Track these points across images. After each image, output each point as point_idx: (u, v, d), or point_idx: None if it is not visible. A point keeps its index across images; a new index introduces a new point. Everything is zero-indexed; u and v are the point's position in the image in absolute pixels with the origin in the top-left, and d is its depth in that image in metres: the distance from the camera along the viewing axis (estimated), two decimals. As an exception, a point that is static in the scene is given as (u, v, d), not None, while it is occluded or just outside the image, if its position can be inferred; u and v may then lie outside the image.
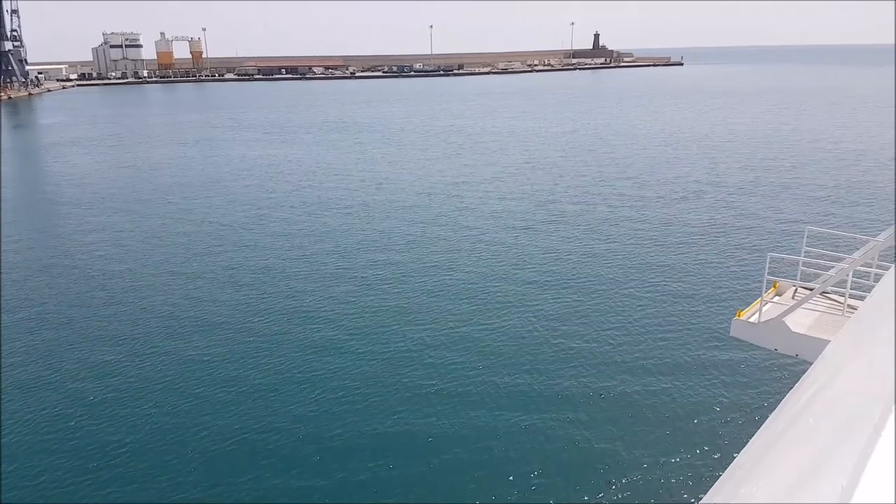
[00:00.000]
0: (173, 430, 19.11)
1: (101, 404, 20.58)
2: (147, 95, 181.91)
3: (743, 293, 27.63)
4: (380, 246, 36.30)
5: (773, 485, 3.73)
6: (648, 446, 17.77)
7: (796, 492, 3.32)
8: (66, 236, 40.28)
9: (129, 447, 18.31)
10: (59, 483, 16.94)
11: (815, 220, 38.26)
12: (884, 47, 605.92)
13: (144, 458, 17.78)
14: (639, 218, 41.09)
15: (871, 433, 3.06)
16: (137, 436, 18.82)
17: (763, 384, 20.70)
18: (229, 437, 18.70)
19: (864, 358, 5.30)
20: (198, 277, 31.88)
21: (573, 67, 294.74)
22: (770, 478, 3.88)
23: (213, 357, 23.35)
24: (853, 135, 74.05)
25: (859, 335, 6.52)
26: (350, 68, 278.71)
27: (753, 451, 4.72)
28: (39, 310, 28.18)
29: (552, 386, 20.94)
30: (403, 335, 24.75)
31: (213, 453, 18.01)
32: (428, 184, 53.00)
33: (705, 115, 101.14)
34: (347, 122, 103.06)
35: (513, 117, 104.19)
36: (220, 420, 19.49)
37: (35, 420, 19.81)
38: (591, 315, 26.43)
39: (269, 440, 18.48)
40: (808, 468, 3.53)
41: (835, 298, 13.71)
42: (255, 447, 18.18)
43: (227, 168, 63.49)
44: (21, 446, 18.54)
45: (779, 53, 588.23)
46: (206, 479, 16.98)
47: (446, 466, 17.18)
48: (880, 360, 4.41)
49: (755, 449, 4.72)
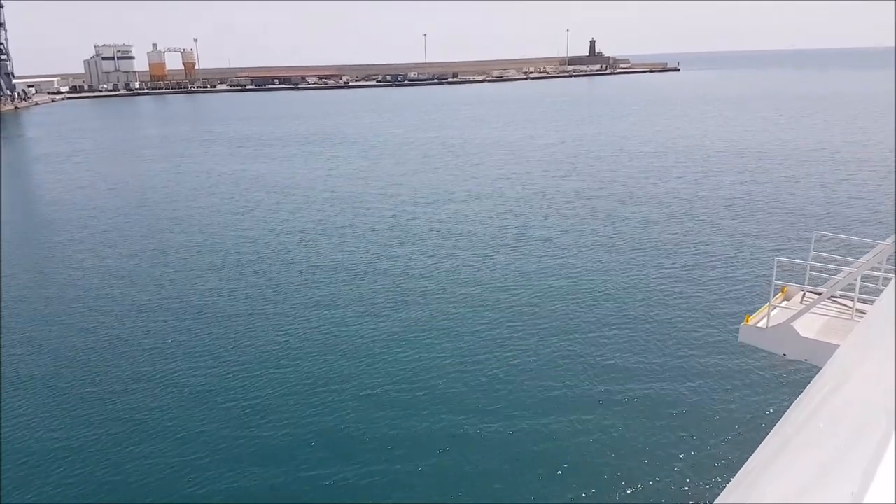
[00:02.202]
0: (173, 429, 19.42)
1: (100, 404, 20.82)
2: (135, 108, 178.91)
3: (751, 298, 27.48)
4: (328, 280, 32.70)
5: (784, 489, 3.73)
6: (658, 450, 17.82)
7: (806, 496, 3.31)
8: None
9: (129, 448, 18.56)
10: (58, 483, 17.08)
11: (823, 225, 38.05)
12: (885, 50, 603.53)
13: (144, 459, 18.00)
14: (643, 225, 40.66)
15: (881, 437, 3.10)
16: (137, 437, 19.07)
17: (772, 389, 20.75)
18: (231, 439, 18.89)
19: (873, 362, 5.30)
20: (127, 308, 28.33)
21: (568, 74, 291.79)
22: (780, 482, 3.86)
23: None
24: (858, 141, 70.86)
25: (868, 339, 6.49)
26: (344, 78, 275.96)
27: (763, 455, 4.69)
28: None
29: (559, 391, 20.96)
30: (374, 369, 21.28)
31: (219, 454, 18.21)
32: (394, 203, 49.40)
33: (702, 122, 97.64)
34: (329, 134, 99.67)
35: (499, 128, 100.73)
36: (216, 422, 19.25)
37: (35, 420, 20.05)
38: (599, 321, 26.32)
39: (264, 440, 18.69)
40: (819, 473, 3.56)
41: (843, 303, 13.60)
42: (259, 449, 18.46)
43: (188, 186, 60.01)
44: (21, 446, 18.78)
45: (778, 58, 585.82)
46: (216, 479, 17.10)
47: (449, 466, 17.41)
48: (890, 364, 4.42)
49: (765, 453, 4.69)
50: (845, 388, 5.22)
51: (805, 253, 14.84)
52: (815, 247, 13.90)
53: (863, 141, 72.08)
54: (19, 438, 19.28)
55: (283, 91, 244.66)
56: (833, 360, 6.47)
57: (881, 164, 57.99)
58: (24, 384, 22.69)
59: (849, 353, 6.64)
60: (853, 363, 6.04)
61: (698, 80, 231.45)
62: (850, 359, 6.30)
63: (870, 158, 60.81)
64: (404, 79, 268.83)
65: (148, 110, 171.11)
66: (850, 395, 4.95)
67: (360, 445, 18.31)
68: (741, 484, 4.50)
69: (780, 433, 5.00)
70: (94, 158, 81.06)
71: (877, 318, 7.22)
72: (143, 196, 55.87)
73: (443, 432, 18.81)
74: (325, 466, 17.37)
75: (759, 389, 20.73)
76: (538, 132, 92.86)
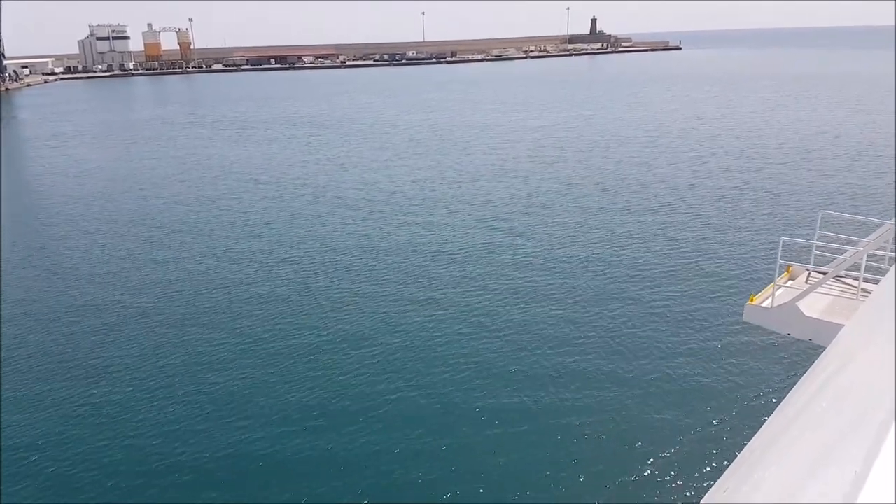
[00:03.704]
0: (172, 427, 19.10)
1: (99, 404, 20.46)
2: (127, 89, 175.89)
3: (756, 278, 27.40)
4: (282, 277, 30.73)
5: (786, 470, 3.73)
6: (662, 429, 17.87)
7: (809, 477, 3.33)
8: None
9: (130, 447, 18.29)
10: (59, 483, 16.95)
11: (829, 204, 37.58)
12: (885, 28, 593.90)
13: (145, 457, 17.72)
14: (649, 206, 40.42)
15: (884, 419, 3.10)
16: (139, 438, 18.67)
17: (776, 369, 20.66)
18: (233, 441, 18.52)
19: (877, 343, 5.28)
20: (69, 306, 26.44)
21: (569, 53, 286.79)
22: (782, 463, 3.87)
23: None
24: (863, 122, 68.48)
25: (873, 319, 6.45)
26: (341, 57, 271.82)
27: (766, 436, 4.66)
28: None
29: (561, 370, 20.97)
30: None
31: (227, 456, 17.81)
32: (370, 191, 47.26)
33: (703, 102, 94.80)
34: (315, 116, 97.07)
35: (492, 109, 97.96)
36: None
37: (35, 420, 19.69)
38: (603, 301, 26.29)
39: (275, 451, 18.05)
40: (821, 454, 3.56)
41: (848, 282, 13.52)
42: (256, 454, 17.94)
43: (161, 171, 57.91)
44: (21, 446, 18.53)
45: (780, 36, 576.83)
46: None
47: (451, 443, 17.52)
48: (893, 345, 4.42)
49: (768, 434, 4.66)
50: (849, 369, 5.22)
51: (811, 233, 14.43)
52: (820, 226, 13.72)
53: (869, 122, 69.68)
54: (20, 439, 19.03)
55: (280, 71, 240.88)
56: (837, 341, 6.40)
57: (886, 146, 56.06)
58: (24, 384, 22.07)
59: (853, 334, 6.59)
60: (858, 343, 6.02)
61: (700, 59, 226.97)
62: (855, 339, 6.25)
63: (875, 140, 58.70)
64: (402, 58, 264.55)
65: (139, 92, 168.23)
66: (853, 376, 4.94)
67: (344, 418, 18.55)
68: (744, 463, 4.47)
69: (784, 413, 4.98)
70: (71, 143, 78.82)
71: (882, 299, 7.14)
72: (109, 184, 53.75)
73: (444, 412, 18.98)
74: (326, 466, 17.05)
75: (763, 369, 20.65)
76: (530, 114, 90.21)
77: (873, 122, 70.20)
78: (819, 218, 14.15)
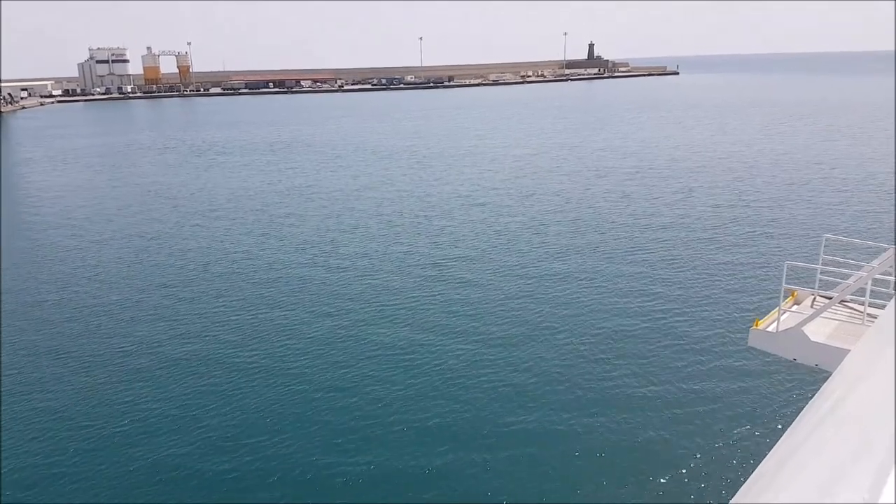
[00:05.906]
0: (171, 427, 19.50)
1: (98, 404, 20.83)
2: (121, 113, 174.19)
3: (760, 302, 27.36)
4: (231, 319, 27.79)
5: (794, 495, 3.75)
6: (670, 452, 17.94)
7: (818, 501, 3.31)
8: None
9: (129, 448, 18.51)
10: (59, 483, 17.05)
11: (833, 229, 37.76)
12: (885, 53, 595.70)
13: (144, 459, 17.94)
14: (654, 229, 40.51)
15: (892, 443, 3.10)
16: (139, 438, 18.99)
17: (783, 394, 20.70)
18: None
19: (884, 367, 5.28)
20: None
21: (566, 78, 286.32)
22: (791, 488, 3.88)
23: None
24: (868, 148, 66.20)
25: (880, 344, 6.51)
26: (339, 81, 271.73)
27: (774, 461, 4.67)
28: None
29: (569, 393, 21.12)
30: None
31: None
32: (332, 224, 44.42)
33: (699, 128, 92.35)
34: (297, 141, 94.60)
35: (479, 136, 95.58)
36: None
37: (34, 420, 19.93)
38: (610, 325, 26.25)
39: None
40: (829, 479, 3.56)
41: (854, 307, 13.48)
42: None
43: (123, 198, 55.41)
44: (20, 446, 18.70)
45: (778, 62, 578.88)
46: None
47: (457, 465, 17.56)
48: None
49: (776, 459, 4.68)
50: (856, 393, 5.18)
51: (815, 257, 14.48)
52: (825, 251, 13.73)
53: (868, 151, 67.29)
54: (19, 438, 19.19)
55: (277, 95, 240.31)
56: (844, 365, 6.33)
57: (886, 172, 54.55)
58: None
59: (860, 358, 6.55)
60: (864, 368, 5.97)
61: (698, 84, 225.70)
62: (862, 363, 6.23)
63: (876, 168, 56.72)
64: (400, 82, 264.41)
65: (132, 115, 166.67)
66: (861, 400, 4.91)
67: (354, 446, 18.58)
68: (752, 488, 4.34)
69: (792, 437, 4.90)
70: (39, 168, 76.47)
71: (888, 323, 7.03)
72: (65, 215, 51.11)
73: (454, 431, 19.15)
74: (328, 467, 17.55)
75: (770, 394, 20.73)
76: (517, 140, 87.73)
77: (874, 151, 67.57)
78: (823, 242, 14.09)
